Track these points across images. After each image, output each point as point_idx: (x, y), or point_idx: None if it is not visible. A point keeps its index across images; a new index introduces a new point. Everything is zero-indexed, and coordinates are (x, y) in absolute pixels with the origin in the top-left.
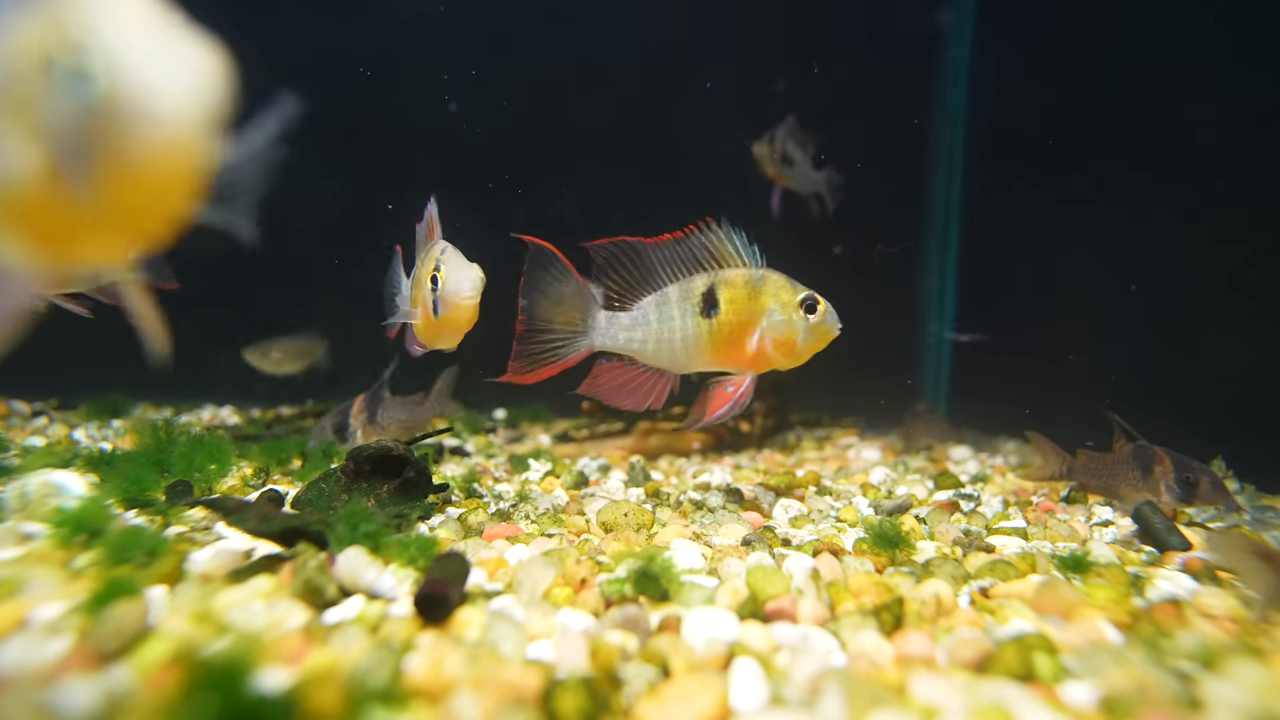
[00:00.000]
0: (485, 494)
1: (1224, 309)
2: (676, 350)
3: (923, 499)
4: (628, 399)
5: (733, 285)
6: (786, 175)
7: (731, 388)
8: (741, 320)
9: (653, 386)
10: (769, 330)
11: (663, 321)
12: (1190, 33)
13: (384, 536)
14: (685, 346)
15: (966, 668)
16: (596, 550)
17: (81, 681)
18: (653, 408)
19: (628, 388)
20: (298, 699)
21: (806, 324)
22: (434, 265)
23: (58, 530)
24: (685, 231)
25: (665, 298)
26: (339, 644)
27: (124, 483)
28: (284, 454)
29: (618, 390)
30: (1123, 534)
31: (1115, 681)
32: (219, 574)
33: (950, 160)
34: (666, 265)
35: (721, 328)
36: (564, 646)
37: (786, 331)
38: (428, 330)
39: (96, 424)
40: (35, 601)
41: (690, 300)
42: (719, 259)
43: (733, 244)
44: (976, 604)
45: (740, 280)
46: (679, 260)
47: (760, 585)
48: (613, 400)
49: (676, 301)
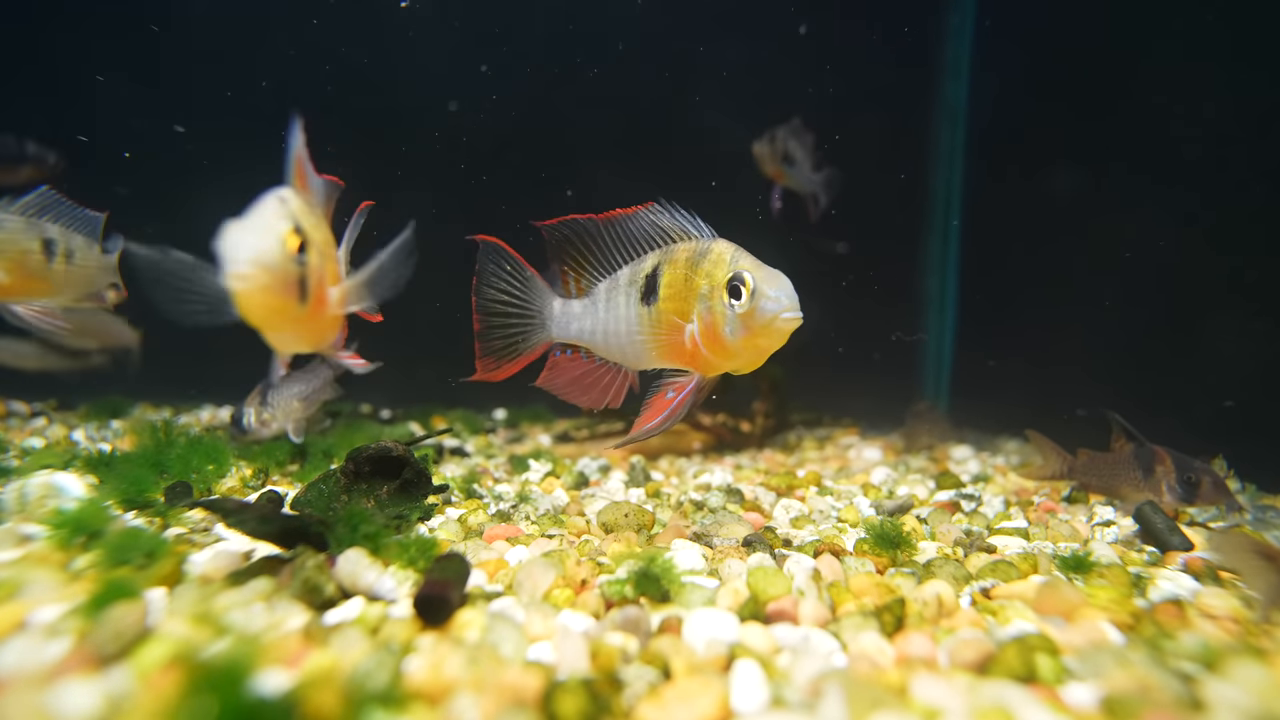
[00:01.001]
0: (485, 495)
1: (1224, 309)
2: (623, 342)
3: (924, 499)
4: (583, 395)
5: (674, 264)
6: (787, 175)
7: (671, 393)
8: (678, 306)
9: (610, 382)
10: (701, 318)
11: (610, 310)
12: (1189, 31)
13: (384, 538)
14: (630, 338)
15: (968, 669)
16: (597, 551)
17: (81, 683)
18: (610, 406)
19: (583, 383)
20: (297, 701)
21: (732, 312)
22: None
23: (57, 532)
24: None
25: (616, 282)
26: (339, 646)
27: (123, 484)
28: (283, 455)
29: (572, 385)
30: (1124, 534)
31: (1117, 682)
32: (218, 575)
33: (951, 159)
34: (620, 245)
35: (660, 316)
36: (564, 648)
37: (711, 321)
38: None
39: (95, 425)
40: (35, 603)
41: (636, 285)
42: (668, 234)
43: (678, 217)
44: (978, 605)
45: (683, 257)
46: (632, 238)
47: (761, 586)
48: (567, 396)
49: (624, 286)
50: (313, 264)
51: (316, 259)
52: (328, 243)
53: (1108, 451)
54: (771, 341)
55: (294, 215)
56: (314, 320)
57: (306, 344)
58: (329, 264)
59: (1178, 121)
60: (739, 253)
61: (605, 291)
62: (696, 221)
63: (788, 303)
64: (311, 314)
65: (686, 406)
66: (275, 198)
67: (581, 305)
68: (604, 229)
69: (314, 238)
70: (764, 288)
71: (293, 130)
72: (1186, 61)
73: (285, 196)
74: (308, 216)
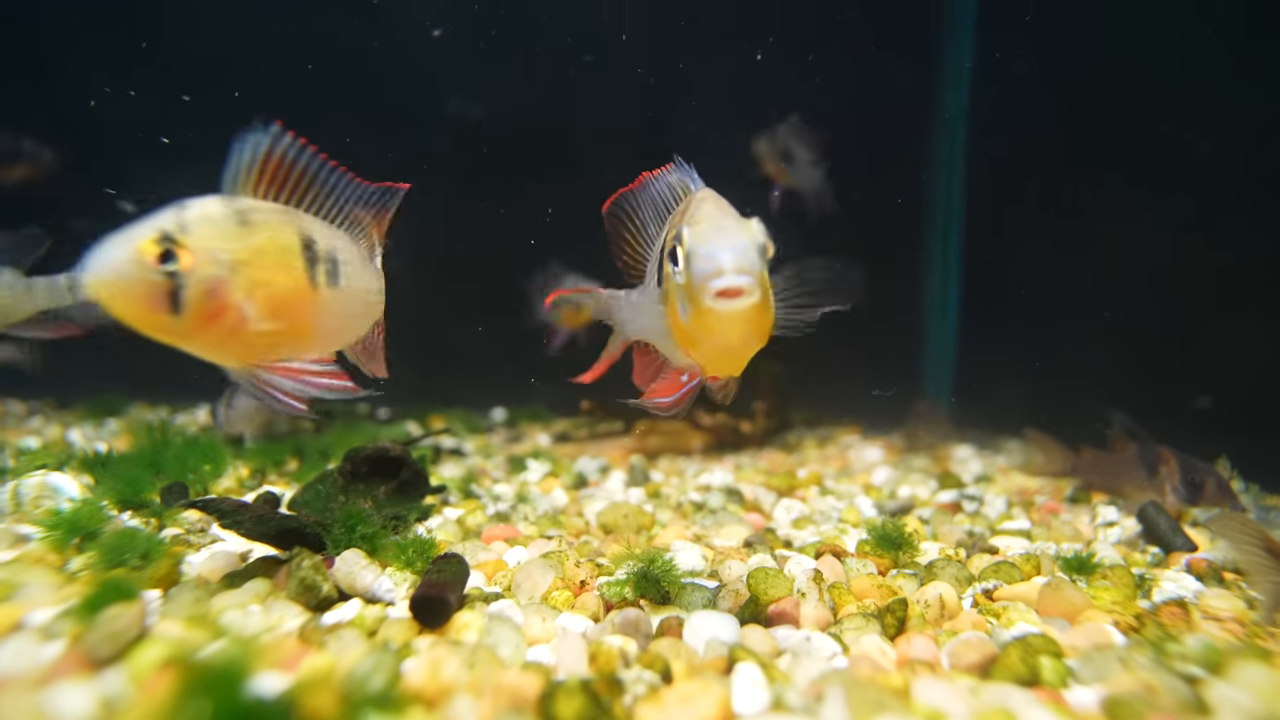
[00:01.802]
0: (483, 495)
1: (1227, 309)
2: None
3: (925, 499)
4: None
5: (671, 229)
6: (788, 174)
7: (685, 376)
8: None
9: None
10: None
11: (645, 294)
12: (1189, 42)
13: (381, 539)
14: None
15: (971, 672)
16: (596, 552)
17: (76, 686)
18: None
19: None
20: (293, 704)
21: (676, 284)
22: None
23: (52, 533)
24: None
25: (652, 260)
26: (336, 648)
27: (119, 484)
28: (280, 455)
29: (653, 383)
30: (1127, 535)
31: (1121, 685)
32: (215, 577)
33: (951, 161)
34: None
35: (666, 298)
36: (563, 650)
37: (669, 295)
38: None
39: (92, 424)
40: (30, 604)
41: (655, 260)
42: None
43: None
44: (980, 606)
45: (675, 220)
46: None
47: (762, 588)
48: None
49: (652, 264)
50: (200, 275)
51: (211, 270)
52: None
53: (1111, 451)
54: (717, 324)
55: (180, 224)
56: (210, 332)
57: (222, 357)
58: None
59: (1177, 127)
60: (703, 201)
61: (647, 275)
62: (691, 173)
63: (725, 262)
64: (199, 327)
65: (694, 396)
66: (173, 206)
67: (637, 294)
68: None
69: (206, 247)
70: (695, 244)
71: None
72: (1186, 70)
73: (189, 205)
74: (228, 228)
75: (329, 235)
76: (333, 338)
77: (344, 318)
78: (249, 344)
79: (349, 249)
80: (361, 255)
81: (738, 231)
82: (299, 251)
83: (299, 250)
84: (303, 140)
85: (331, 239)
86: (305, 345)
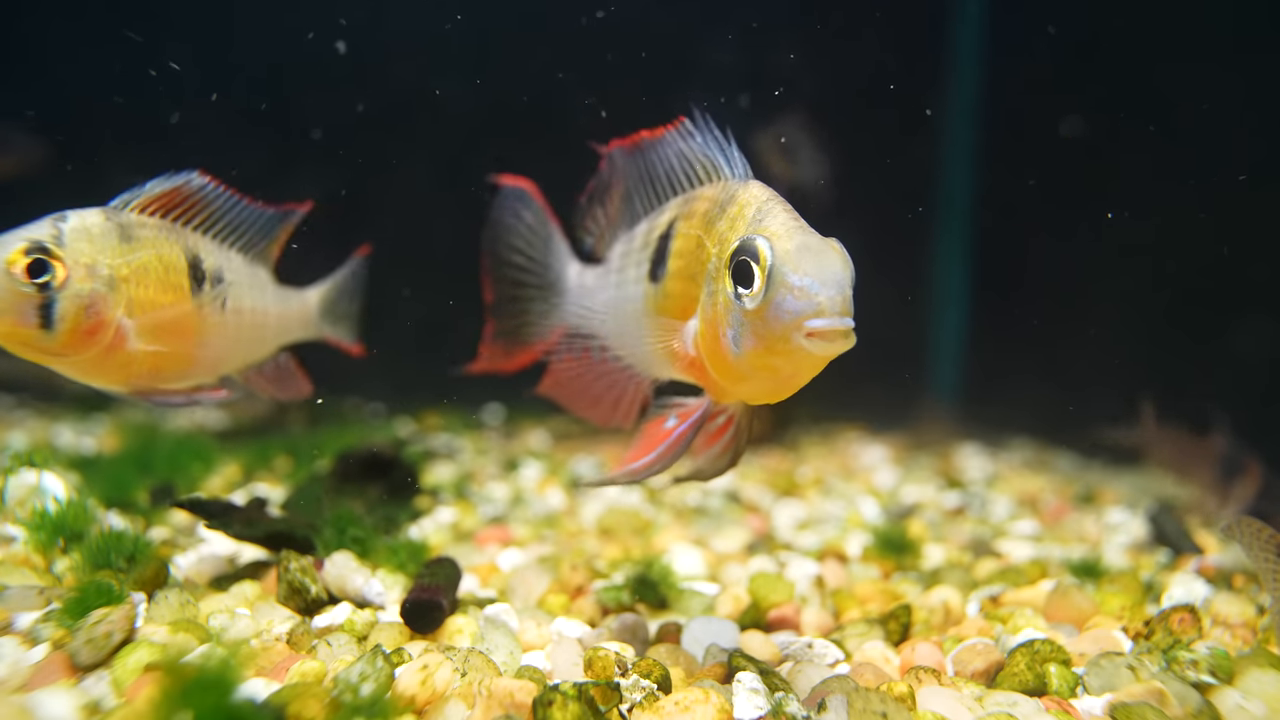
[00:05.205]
0: (477, 496)
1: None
2: (628, 336)
3: (930, 501)
4: (593, 408)
5: (690, 218)
6: (790, 171)
7: (673, 421)
8: (685, 288)
9: (623, 391)
10: (703, 310)
11: (620, 284)
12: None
13: (372, 541)
14: (637, 329)
15: (976, 679)
16: (593, 555)
17: (60, 690)
18: (620, 425)
19: (592, 391)
20: (281, 711)
21: (738, 306)
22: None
23: (37, 534)
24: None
25: (630, 243)
26: (325, 652)
27: (106, 484)
28: (271, 455)
29: (580, 395)
30: (1136, 538)
31: (1130, 693)
32: (203, 579)
33: (962, 154)
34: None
35: (663, 302)
36: (559, 656)
37: (714, 316)
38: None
39: (79, 420)
40: (14, 607)
41: (648, 248)
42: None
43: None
44: (986, 612)
45: (701, 209)
46: (654, 177)
47: (762, 592)
48: (575, 408)
49: (637, 250)
50: (74, 290)
51: (87, 285)
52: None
53: (1200, 438)
54: (793, 365)
55: (55, 235)
56: (85, 351)
57: (99, 379)
58: (144, 292)
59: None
60: (770, 203)
61: (619, 256)
62: (731, 150)
63: (825, 301)
64: (72, 345)
65: (686, 442)
66: (50, 216)
67: (595, 275)
68: (629, 162)
69: (84, 261)
70: (786, 269)
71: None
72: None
73: (68, 215)
74: (109, 242)
75: (218, 254)
76: (220, 361)
77: (232, 341)
78: (128, 365)
79: (241, 269)
80: (258, 277)
81: (836, 261)
82: (185, 270)
83: (185, 268)
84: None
85: (220, 258)
86: (189, 368)
